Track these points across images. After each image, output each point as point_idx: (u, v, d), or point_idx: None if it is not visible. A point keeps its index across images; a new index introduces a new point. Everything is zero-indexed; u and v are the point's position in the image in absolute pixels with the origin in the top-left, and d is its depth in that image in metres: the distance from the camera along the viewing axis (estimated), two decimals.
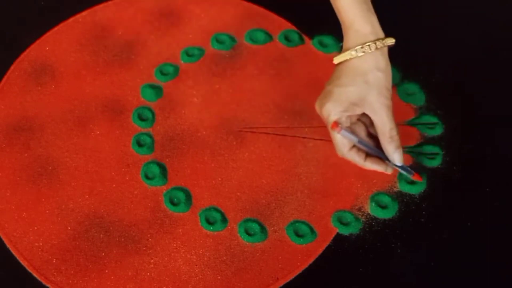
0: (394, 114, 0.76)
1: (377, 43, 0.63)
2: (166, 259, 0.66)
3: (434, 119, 0.76)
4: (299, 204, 0.70)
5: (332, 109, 0.64)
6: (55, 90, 0.79)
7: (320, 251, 0.67)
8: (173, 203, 0.70)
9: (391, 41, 0.64)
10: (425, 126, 0.75)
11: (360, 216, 0.69)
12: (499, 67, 0.81)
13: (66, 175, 0.72)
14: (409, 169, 0.68)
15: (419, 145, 0.74)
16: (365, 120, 0.67)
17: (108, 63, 0.81)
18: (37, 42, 0.83)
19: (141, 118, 0.76)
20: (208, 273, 0.65)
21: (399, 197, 0.70)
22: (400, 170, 0.67)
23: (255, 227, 0.68)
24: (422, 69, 0.80)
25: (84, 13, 0.86)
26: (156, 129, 0.76)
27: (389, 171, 0.67)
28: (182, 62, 0.81)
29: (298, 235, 0.68)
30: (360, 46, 0.63)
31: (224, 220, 0.69)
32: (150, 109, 0.77)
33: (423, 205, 0.69)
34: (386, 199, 0.70)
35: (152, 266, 0.66)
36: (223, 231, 0.68)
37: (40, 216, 0.69)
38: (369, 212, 0.69)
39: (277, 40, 0.83)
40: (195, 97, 0.78)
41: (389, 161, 0.66)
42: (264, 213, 0.69)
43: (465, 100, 0.77)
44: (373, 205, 0.69)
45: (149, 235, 0.68)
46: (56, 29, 0.84)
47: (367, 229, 0.68)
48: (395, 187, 0.71)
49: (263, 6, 0.86)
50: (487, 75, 0.80)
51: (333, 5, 0.67)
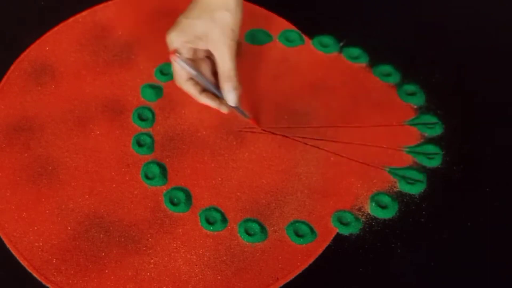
0: (394, 114, 0.76)
1: None
2: (166, 259, 0.66)
3: (434, 119, 0.76)
4: (299, 204, 0.70)
5: (175, 38, 0.67)
6: (55, 90, 0.79)
7: (320, 251, 0.67)
8: (173, 203, 0.70)
9: None
10: (425, 126, 0.75)
11: (360, 216, 0.69)
12: (499, 67, 0.81)
13: (66, 175, 0.72)
14: (244, 111, 0.70)
15: (419, 145, 0.74)
16: (214, 59, 0.69)
17: (108, 63, 0.81)
18: (37, 42, 0.83)
19: (141, 118, 0.76)
20: (208, 273, 0.65)
21: (399, 197, 0.70)
22: (236, 111, 0.70)
23: (255, 227, 0.68)
24: (422, 69, 0.80)
25: (84, 13, 0.86)
26: (156, 129, 0.76)
27: (223, 109, 0.70)
28: None
29: (298, 235, 0.68)
30: None
31: (224, 220, 0.69)
32: (150, 109, 0.77)
33: (423, 205, 0.69)
34: (386, 199, 0.70)
35: (152, 266, 0.66)
36: (223, 231, 0.68)
37: (40, 216, 0.69)
38: (369, 212, 0.69)
39: (277, 40, 0.83)
40: None
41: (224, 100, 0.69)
42: (264, 213, 0.69)
43: (465, 100, 0.77)
44: (373, 205, 0.69)
45: (149, 235, 0.68)
46: (56, 29, 0.84)
47: (367, 229, 0.68)
48: (395, 187, 0.71)
49: (263, 6, 0.86)
50: (487, 75, 0.80)
51: None
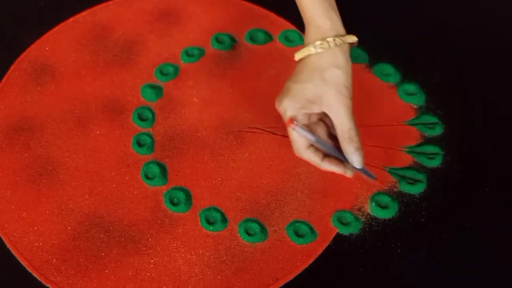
0: (394, 114, 0.76)
1: (336, 39, 0.62)
2: (166, 259, 0.66)
3: (434, 119, 0.76)
4: (299, 204, 0.70)
5: (289, 106, 0.63)
6: (55, 90, 0.79)
7: (320, 251, 0.67)
8: (173, 203, 0.70)
9: (352, 38, 0.63)
10: (425, 126, 0.75)
11: (360, 216, 0.69)
12: (499, 67, 0.81)
13: (66, 175, 0.72)
14: (370, 172, 0.65)
15: (419, 145, 0.74)
16: (328, 121, 0.65)
17: (108, 63, 0.81)
18: (37, 42, 0.83)
19: (141, 118, 0.76)
20: (208, 273, 0.65)
21: (399, 197, 0.70)
22: (361, 173, 0.64)
23: (255, 227, 0.68)
24: (422, 69, 0.80)
25: (84, 13, 0.86)
26: (156, 129, 0.76)
27: (348, 173, 0.64)
28: (182, 62, 0.81)
29: (298, 235, 0.68)
30: (319, 42, 0.62)
31: (224, 220, 0.69)
32: (150, 109, 0.77)
33: (423, 205, 0.69)
34: (386, 199, 0.70)
35: (152, 266, 0.66)
36: (223, 231, 0.68)
37: (40, 216, 0.69)
38: (369, 212, 0.69)
39: (277, 40, 0.83)
40: (195, 97, 0.78)
41: (348, 163, 0.63)
42: (264, 213, 0.69)
43: (465, 100, 0.77)
44: (373, 205, 0.69)
45: (149, 235, 0.68)
46: (56, 29, 0.84)
47: (367, 229, 0.68)
48: (395, 187, 0.71)
49: (263, 6, 0.86)
50: (487, 75, 0.80)
51: (296, 1, 0.65)
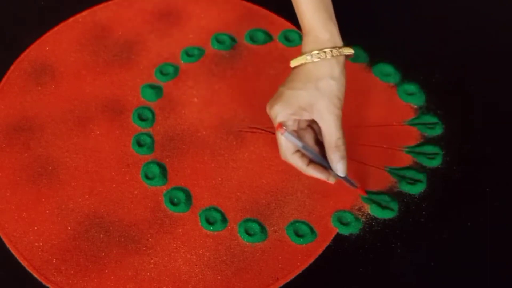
0: (394, 114, 0.76)
1: (334, 50, 0.63)
2: (166, 259, 0.66)
3: (434, 119, 0.76)
4: (299, 204, 0.70)
5: (280, 111, 0.64)
6: (55, 90, 0.79)
7: (320, 251, 0.67)
8: (173, 203, 0.70)
9: (349, 51, 0.64)
10: (425, 126, 0.75)
11: (360, 216, 0.69)
12: (499, 67, 0.81)
13: (66, 175, 0.72)
14: (352, 181, 0.68)
15: (419, 145, 0.74)
16: (316, 127, 0.67)
17: (108, 63, 0.81)
18: (37, 42, 0.83)
19: (141, 118, 0.76)
20: (208, 273, 0.65)
21: (399, 197, 0.70)
22: (343, 181, 0.67)
23: (255, 227, 0.68)
24: (422, 69, 0.80)
25: (84, 13, 0.86)
26: (156, 129, 0.76)
27: (331, 180, 0.67)
28: (182, 62, 0.81)
29: (298, 235, 0.68)
30: (317, 52, 0.63)
31: (224, 220, 0.69)
32: (150, 109, 0.77)
33: (423, 205, 0.69)
34: (386, 199, 0.70)
35: (152, 266, 0.66)
36: (223, 231, 0.68)
37: (40, 216, 0.69)
38: (369, 212, 0.69)
39: (277, 40, 0.83)
40: (195, 97, 0.78)
41: (332, 170, 0.66)
42: (264, 213, 0.69)
43: (465, 100, 0.77)
44: (373, 205, 0.69)
45: (149, 235, 0.68)
46: (56, 29, 0.84)
47: (367, 229, 0.68)
48: (395, 187, 0.71)
49: (263, 6, 0.86)
50: (487, 75, 0.80)
51: (295, 8, 0.66)
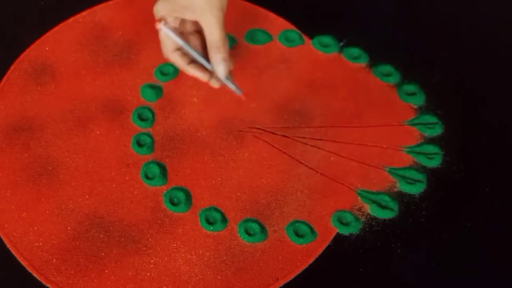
0: (394, 114, 0.76)
1: None
2: (166, 259, 0.66)
3: (434, 119, 0.76)
4: (299, 204, 0.70)
5: (161, 7, 0.66)
6: (55, 90, 0.79)
7: (320, 251, 0.67)
8: (173, 203, 0.70)
9: None
10: (425, 126, 0.75)
11: (360, 216, 0.69)
12: (499, 67, 0.81)
13: (66, 175, 0.72)
14: (235, 85, 0.67)
15: (419, 145, 0.74)
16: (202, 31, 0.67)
17: (108, 63, 0.81)
18: (37, 42, 0.83)
19: (141, 118, 0.76)
20: (208, 273, 0.65)
21: (399, 197, 0.70)
22: (227, 84, 0.66)
23: (255, 227, 0.68)
24: (422, 69, 0.80)
25: (84, 13, 0.86)
26: (156, 129, 0.76)
27: (214, 83, 0.67)
28: None
29: (298, 235, 0.68)
30: None
31: (224, 220, 0.69)
32: (150, 109, 0.77)
33: (423, 205, 0.69)
34: (386, 199, 0.70)
35: (152, 266, 0.66)
36: (223, 231, 0.68)
37: (40, 216, 0.69)
38: (369, 212, 0.69)
39: (277, 40, 0.83)
40: (195, 97, 0.78)
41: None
42: (264, 213, 0.69)
43: (465, 100, 0.77)
44: (373, 205, 0.69)
45: (149, 235, 0.68)
46: (56, 29, 0.84)
47: (367, 229, 0.68)
48: (395, 187, 0.71)
49: (263, 6, 0.86)
50: (487, 75, 0.80)
51: None
